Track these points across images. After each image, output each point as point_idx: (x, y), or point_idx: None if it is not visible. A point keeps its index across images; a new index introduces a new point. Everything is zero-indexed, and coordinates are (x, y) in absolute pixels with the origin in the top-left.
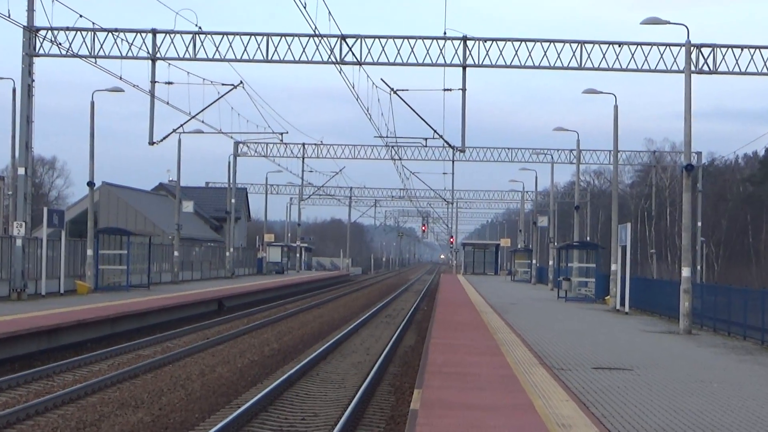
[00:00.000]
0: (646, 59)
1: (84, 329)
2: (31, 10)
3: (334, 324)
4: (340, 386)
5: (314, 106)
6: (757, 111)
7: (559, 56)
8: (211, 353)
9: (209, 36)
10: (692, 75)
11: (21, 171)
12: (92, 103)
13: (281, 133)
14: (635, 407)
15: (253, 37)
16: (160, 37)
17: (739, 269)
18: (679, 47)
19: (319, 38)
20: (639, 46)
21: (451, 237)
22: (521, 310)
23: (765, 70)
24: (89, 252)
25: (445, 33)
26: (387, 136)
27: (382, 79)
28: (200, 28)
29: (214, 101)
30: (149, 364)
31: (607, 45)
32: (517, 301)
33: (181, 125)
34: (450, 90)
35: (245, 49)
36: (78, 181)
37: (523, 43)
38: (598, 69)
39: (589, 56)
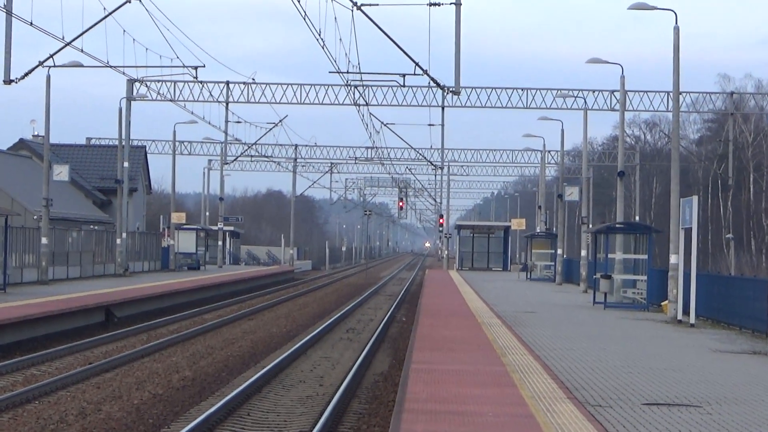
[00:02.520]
0: None
1: None
2: None
3: (272, 342)
4: (282, 431)
5: (243, 29)
6: None
7: None
8: (96, 384)
9: None
10: None
11: None
12: None
13: (196, 67)
14: None
15: None
16: None
17: None
18: None
19: None
20: None
21: (441, 217)
22: (542, 321)
23: None
24: None
25: None
26: (348, 72)
27: None
28: None
29: (99, 21)
30: (6, 399)
31: None
32: (535, 308)
33: (51, 56)
34: (438, 5)
35: None
36: None
37: None
38: None
39: None
